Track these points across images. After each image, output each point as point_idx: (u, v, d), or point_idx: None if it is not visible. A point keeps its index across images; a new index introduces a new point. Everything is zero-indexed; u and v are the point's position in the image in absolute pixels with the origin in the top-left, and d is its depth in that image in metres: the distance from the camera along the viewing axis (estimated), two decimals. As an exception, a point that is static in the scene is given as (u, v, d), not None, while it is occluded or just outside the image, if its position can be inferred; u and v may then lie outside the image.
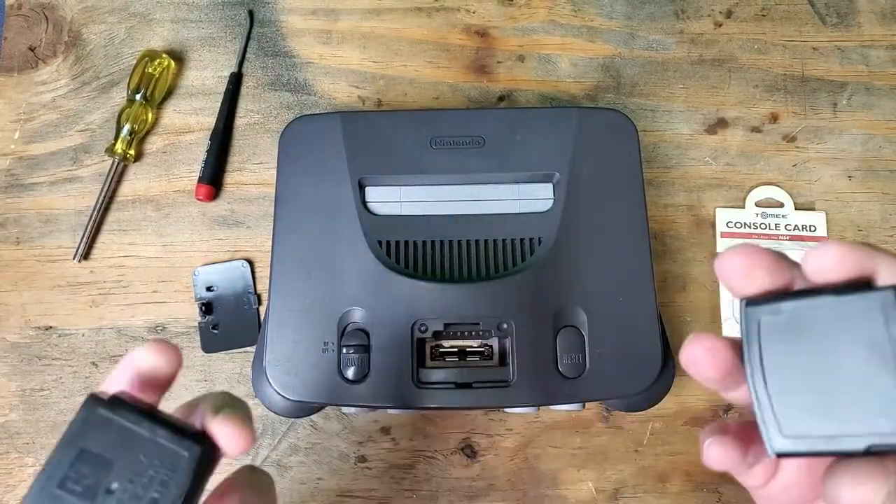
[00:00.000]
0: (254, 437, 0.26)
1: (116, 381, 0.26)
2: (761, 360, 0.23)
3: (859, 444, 0.21)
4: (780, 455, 0.23)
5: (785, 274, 0.24)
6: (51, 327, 0.53)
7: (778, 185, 0.55)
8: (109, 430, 0.24)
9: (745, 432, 0.25)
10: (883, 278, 0.22)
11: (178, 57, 0.59)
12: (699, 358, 0.24)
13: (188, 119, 0.57)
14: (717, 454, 0.25)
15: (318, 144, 0.48)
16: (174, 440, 0.24)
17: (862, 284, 0.22)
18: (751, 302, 0.24)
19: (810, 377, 0.22)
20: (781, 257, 0.24)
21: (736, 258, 0.23)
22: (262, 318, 0.52)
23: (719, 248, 0.53)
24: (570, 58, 0.59)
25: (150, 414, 0.25)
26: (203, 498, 0.26)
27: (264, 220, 0.54)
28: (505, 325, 0.43)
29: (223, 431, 0.25)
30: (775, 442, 0.23)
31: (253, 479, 0.29)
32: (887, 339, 0.21)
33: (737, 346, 0.24)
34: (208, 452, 0.25)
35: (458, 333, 0.44)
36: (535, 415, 0.51)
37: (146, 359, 0.26)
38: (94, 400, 0.25)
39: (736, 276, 0.24)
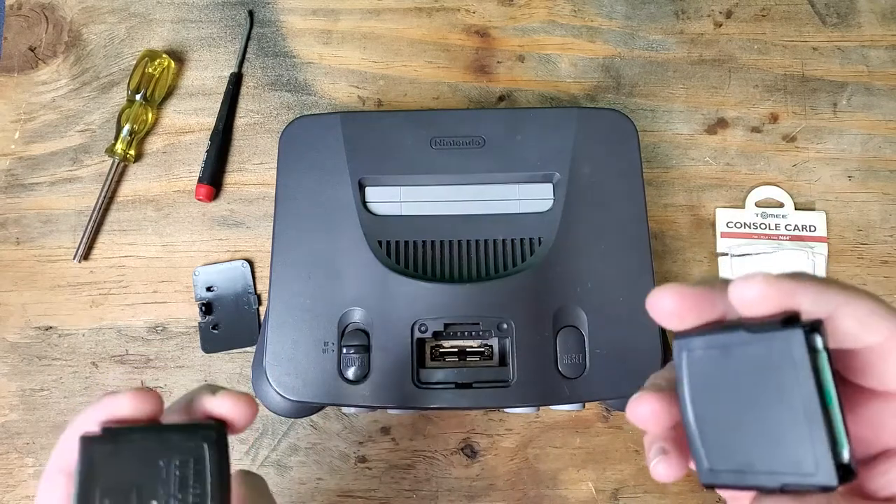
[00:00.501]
0: (256, 406, 0.26)
1: (92, 419, 0.25)
2: (688, 394, 0.24)
3: (775, 482, 0.22)
4: (706, 486, 0.23)
5: (717, 307, 0.23)
6: (51, 327, 0.53)
7: (778, 185, 0.55)
8: (119, 459, 0.24)
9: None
10: (805, 313, 0.22)
11: (178, 57, 0.59)
12: (644, 419, 0.24)
13: (188, 119, 0.57)
14: (663, 471, 0.25)
15: (318, 144, 0.48)
16: (187, 436, 0.24)
17: (788, 318, 0.22)
18: (679, 335, 0.24)
19: (731, 412, 0.23)
20: (711, 291, 0.23)
21: (664, 300, 0.23)
22: (262, 318, 0.52)
23: (719, 249, 0.53)
24: (570, 58, 0.59)
25: (148, 428, 0.25)
26: None
27: (264, 220, 0.55)
28: (505, 325, 0.43)
29: (230, 407, 0.26)
30: (702, 473, 0.23)
31: (252, 482, 0.30)
32: (795, 379, 0.21)
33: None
34: (223, 434, 0.25)
35: (458, 333, 0.44)
36: (535, 415, 0.51)
37: (125, 407, 0.25)
38: (89, 440, 0.24)
39: (667, 319, 0.24)
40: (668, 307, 0.23)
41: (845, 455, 0.21)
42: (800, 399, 0.21)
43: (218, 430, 0.25)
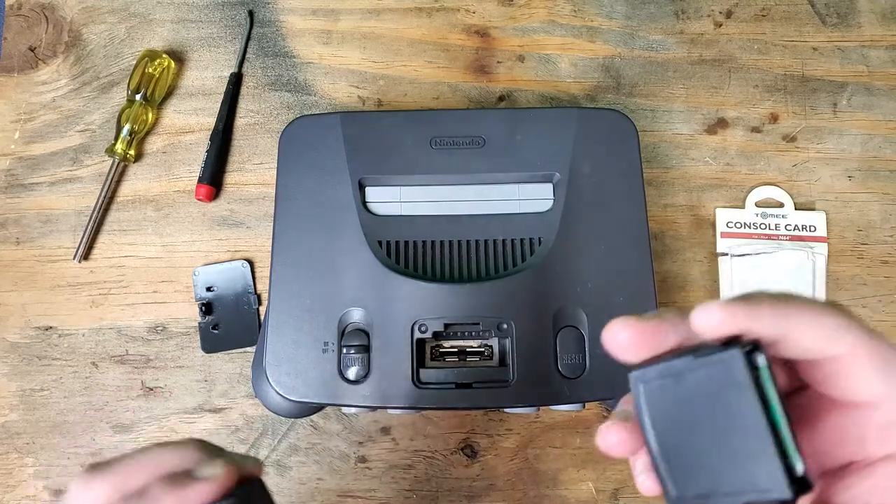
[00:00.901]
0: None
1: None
2: (649, 425, 0.24)
3: (737, 501, 0.22)
4: None
5: (670, 338, 0.24)
6: (51, 327, 0.53)
7: (778, 186, 0.55)
8: None
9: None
10: (766, 332, 0.23)
11: (178, 57, 0.59)
12: (614, 447, 0.25)
13: (188, 119, 0.57)
14: (650, 486, 0.26)
15: (318, 144, 0.48)
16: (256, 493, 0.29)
17: (729, 340, 0.22)
18: (634, 368, 0.25)
19: (691, 438, 0.23)
20: (663, 323, 0.24)
21: (620, 333, 0.24)
22: (262, 318, 0.52)
23: (719, 249, 0.53)
24: (570, 58, 0.59)
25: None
26: None
27: (264, 220, 0.55)
28: (505, 326, 0.43)
29: (251, 469, 0.30)
30: (670, 501, 0.24)
31: None
32: (740, 398, 0.22)
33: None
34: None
35: (458, 334, 0.44)
36: (535, 415, 0.51)
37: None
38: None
39: (622, 352, 0.24)
40: (623, 340, 0.24)
41: (798, 468, 0.21)
42: (747, 417, 0.22)
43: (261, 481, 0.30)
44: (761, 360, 0.22)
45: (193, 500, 0.26)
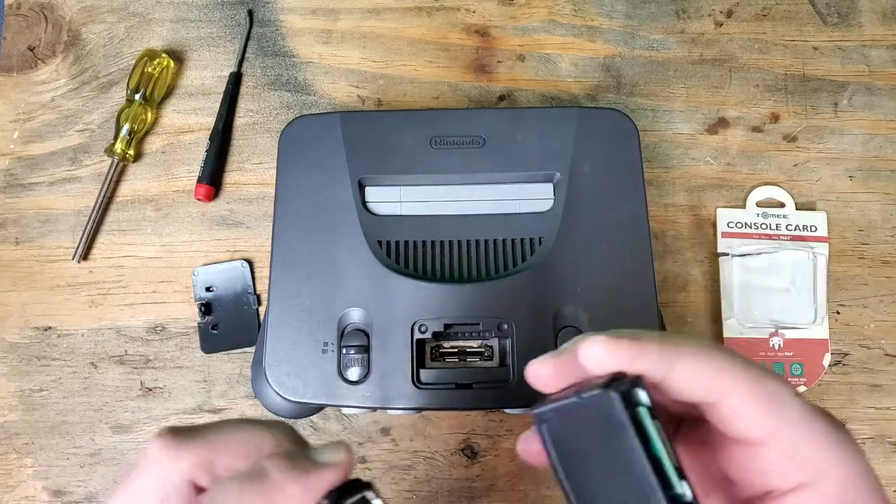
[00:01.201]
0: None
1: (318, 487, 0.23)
2: (558, 463, 0.25)
3: None
4: None
5: (578, 369, 0.25)
6: (50, 327, 0.52)
7: (779, 185, 0.55)
8: None
9: None
10: (648, 372, 0.23)
11: (178, 57, 0.58)
12: (530, 456, 0.27)
13: (188, 119, 0.57)
14: (521, 451, 0.27)
15: (318, 144, 0.48)
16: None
17: (611, 379, 0.23)
18: (535, 408, 0.26)
19: (593, 474, 0.24)
20: (571, 356, 0.25)
21: (542, 370, 0.26)
22: (261, 318, 0.52)
23: (720, 249, 0.53)
24: (570, 57, 0.59)
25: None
26: None
27: (264, 220, 0.54)
28: (505, 326, 0.43)
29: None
30: None
31: None
32: (621, 435, 0.22)
33: None
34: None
35: (459, 334, 0.44)
36: (535, 415, 0.50)
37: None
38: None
39: (545, 386, 0.26)
40: (547, 377, 0.26)
41: (686, 496, 0.22)
42: (630, 454, 0.22)
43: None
44: (642, 396, 0.23)
45: (317, 486, 0.22)
